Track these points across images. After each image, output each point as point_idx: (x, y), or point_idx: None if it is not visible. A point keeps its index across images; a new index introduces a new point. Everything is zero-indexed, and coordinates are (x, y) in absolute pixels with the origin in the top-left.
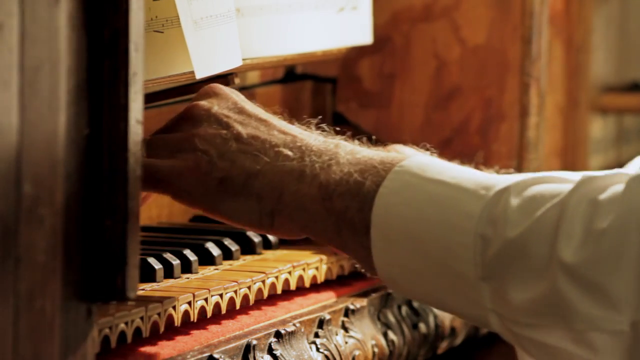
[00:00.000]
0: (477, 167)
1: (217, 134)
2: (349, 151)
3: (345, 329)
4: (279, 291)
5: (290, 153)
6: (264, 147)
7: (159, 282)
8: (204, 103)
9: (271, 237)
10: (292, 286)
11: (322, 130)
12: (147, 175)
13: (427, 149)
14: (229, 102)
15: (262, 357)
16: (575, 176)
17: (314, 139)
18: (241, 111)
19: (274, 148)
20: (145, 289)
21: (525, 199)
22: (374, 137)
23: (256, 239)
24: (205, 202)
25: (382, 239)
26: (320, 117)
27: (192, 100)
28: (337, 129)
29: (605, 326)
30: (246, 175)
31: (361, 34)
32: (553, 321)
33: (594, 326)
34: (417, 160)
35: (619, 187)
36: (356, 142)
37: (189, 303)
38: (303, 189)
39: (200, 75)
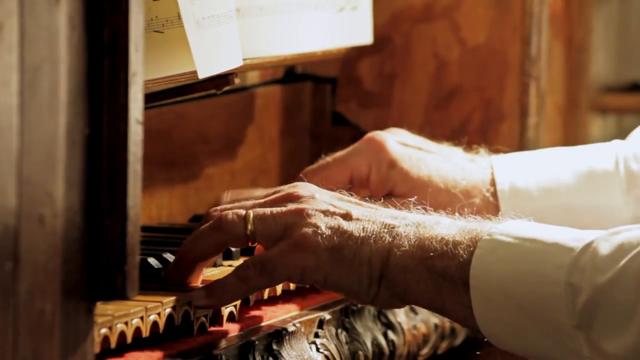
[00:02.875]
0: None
1: (325, 210)
2: (450, 220)
3: (345, 329)
4: (278, 292)
5: (395, 222)
6: (370, 219)
7: (159, 282)
8: (303, 189)
9: None
10: (292, 286)
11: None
12: (262, 269)
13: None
14: (325, 190)
15: (262, 357)
16: None
17: (415, 212)
18: (340, 197)
19: (379, 218)
20: (146, 289)
21: (614, 245)
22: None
23: None
24: (316, 273)
25: (480, 297)
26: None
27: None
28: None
29: None
30: (357, 243)
31: (361, 34)
32: None
33: None
34: (512, 223)
35: None
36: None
37: (189, 303)
38: (408, 251)
39: (202, 75)
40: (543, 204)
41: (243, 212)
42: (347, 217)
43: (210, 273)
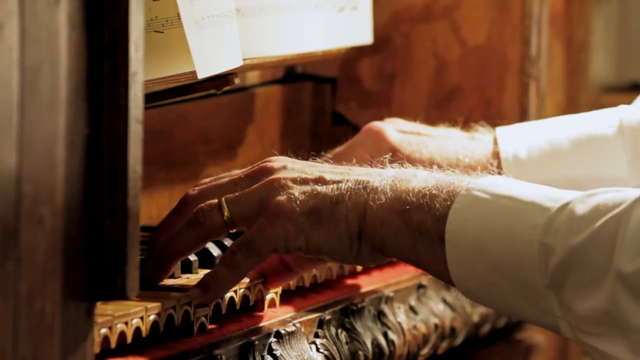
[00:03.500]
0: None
1: (297, 177)
2: (427, 173)
3: (345, 329)
4: (279, 291)
5: (369, 178)
6: (343, 179)
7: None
8: (275, 162)
9: None
10: (292, 286)
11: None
12: (247, 250)
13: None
14: (298, 161)
15: (262, 357)
16: None
17: (390, 167)
18: (313, 165)
19: (353, 176)
20: (146, 289)
21: (590, 207)
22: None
23: None
24: (297, 238)
25: (455, 252)
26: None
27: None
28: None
29: None
30: (332, 203)
31: (361, 34)
32: (612, 331)
33: None
34: (491, 178)
35: None
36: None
37: (189, 303)
38: (384, 204)
39: (202, 75)
40: (548, 174)
41: (216, 200)
42: (320, 180)
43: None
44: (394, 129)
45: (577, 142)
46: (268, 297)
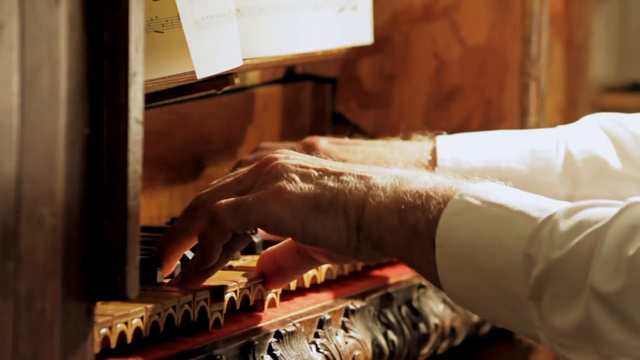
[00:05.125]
0: None
1: (298, 164)
2: (428, 175)
3: (345, 329)
4: (279, 291)
5: (372, 174)
6: (346, 172)
7: (159, 282)
8: (277, 153)
9: (271, 237)
10: (292, 286)
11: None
12: (235, 210)
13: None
14: (302, 154)
15: (262, 357)
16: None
17: (392, 167)
18: (316, 158)
19: (356, 172)
20: (146, 289)
21: (573, 222)
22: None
23: (256, 239)
24: (293, 223)
25: (444, 256)
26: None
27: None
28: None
29: (632, 353)
30: (332, 193)
31: (361, 34)
32: (587, 345)
33: (621, 352)
34: (485, 185)
35: None
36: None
37: (189, 303)
38: (382, 202)
39: (201, 75)
40: (481, 175)
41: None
42: (322, 170)
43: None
44: (327, 141)
45: (518, 151)
46: (268, 297)
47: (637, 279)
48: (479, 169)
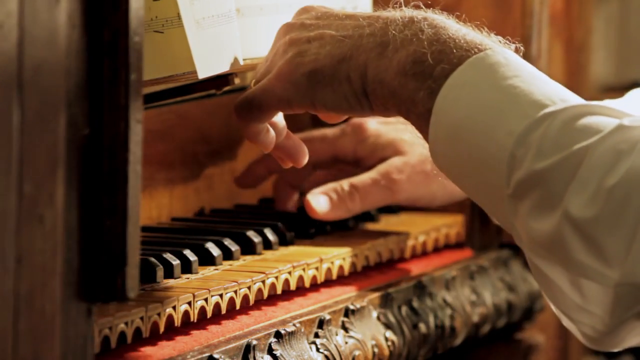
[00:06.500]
0: None
1: (302, 36)
2: (434, 24)
3: (345, 329)
4: (279, 291)
5: (373, 31)
6: (348, 34)
7: (159, 282)
8: (295, 19)
9: (270, 237)
10: (292, 286)
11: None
12: (249, 105)
13: None
14: (315, 10)
15: (262, 357)
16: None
17: (400, 14)
18: (327, 16)
19: (358, 30)
20: (145, 289)
21: (565, 129)
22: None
23: (256, 239)
24: (303, 100)
25: (437, 130)
26: None
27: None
28: None
29: (596, 278)
30: (334, 61)
31: None
32: (555, 258)
33: (586, 275)
34: (497, 56)
35: None
36: (444, 14)
37: (189, 303)
38: (384, 63)
39: (202, 75)
40: None
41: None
42: (323, 37)
43: (210, 273)
44: (375, 121)
45: None
46: (267, 297)
47: (612, 210)
48: None
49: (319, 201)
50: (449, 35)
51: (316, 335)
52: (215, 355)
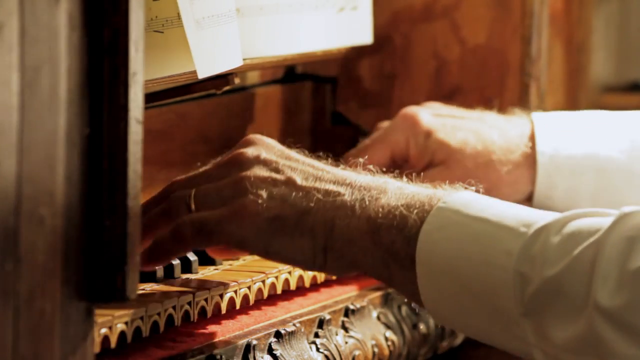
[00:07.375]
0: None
1: (268, 176)
2: (397, 187)
3: (345, 329)
4: (279, 291)
5: (340, 189)
6: (315, 187)
7: (159, 282)
8: (250, 150)
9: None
10: (292, 286)
11: (370, 172)
12: (199, 230)
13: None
14: (275, 149)
15: (262, 357)
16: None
17: (363, 176)
18: (288, 157)
19: (325, 186)
20: (146, 289)
21: (565, 236)
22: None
23: None
24: (258, 244)
25: (426, 275)
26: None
27: (234, 149)
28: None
29: None
30: (299, 213)
31: (361, 34)
32: (590, 359)
33: None
34: (462, 196)
35: None
36: (404, 179)
37: (189, 303)
38: (353, 222)
39: (202, 75)
40: (581, 163)
41: (187, 192)
42: (289, 184)
43: (210, 273)
44: (429, 113)
45: (617, 140)
46: (267, 297)
47: None
48: (579, 156)
49: None
50: (412, 190)
51: (316, 335)
52: (215, 355)
